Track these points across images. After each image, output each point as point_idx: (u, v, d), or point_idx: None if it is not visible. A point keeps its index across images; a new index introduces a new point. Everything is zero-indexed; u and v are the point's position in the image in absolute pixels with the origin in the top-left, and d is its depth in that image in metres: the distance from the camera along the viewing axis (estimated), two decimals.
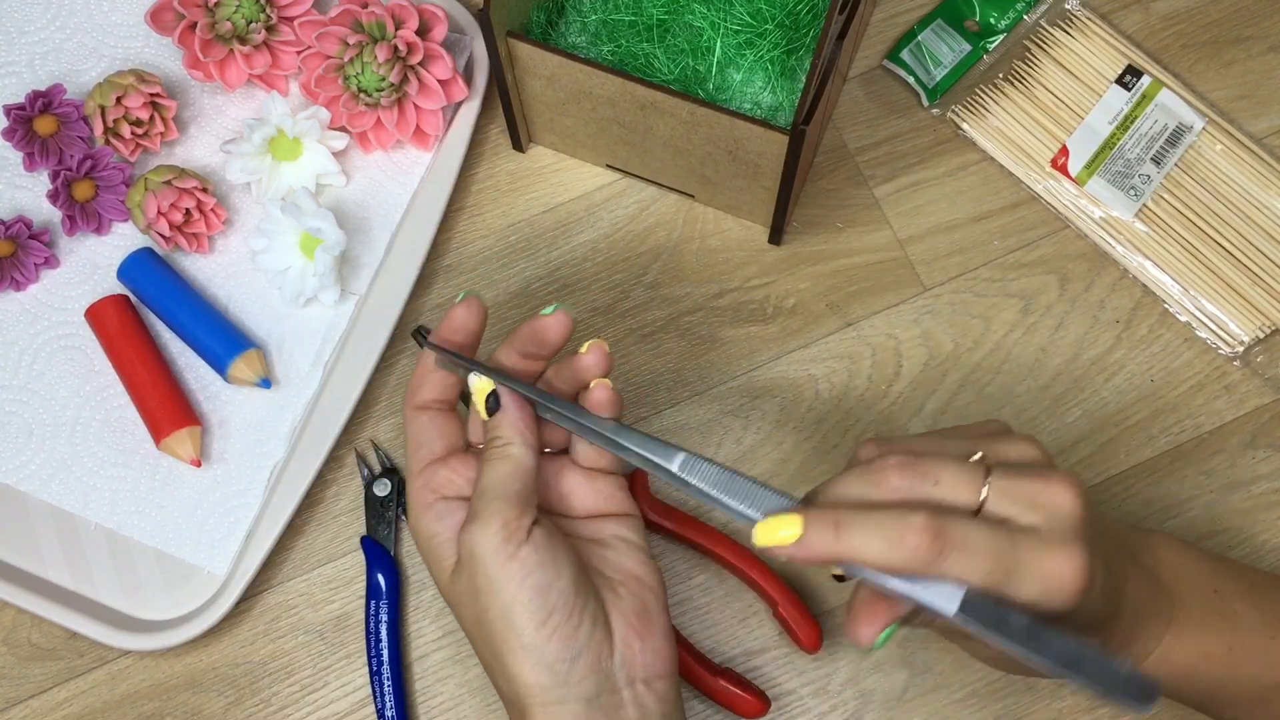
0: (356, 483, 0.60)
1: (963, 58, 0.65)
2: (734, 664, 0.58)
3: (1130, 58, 0.64)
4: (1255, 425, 0.61)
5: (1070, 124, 0.64)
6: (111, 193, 0.62)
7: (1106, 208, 0.62)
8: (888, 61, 0.65)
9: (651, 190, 0.64)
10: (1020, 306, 0.62)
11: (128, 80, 0.61)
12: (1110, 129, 0.63)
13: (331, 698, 0.58)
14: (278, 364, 0.61)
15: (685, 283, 0.63)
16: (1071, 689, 0.56)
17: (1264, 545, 0.59)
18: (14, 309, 0.62)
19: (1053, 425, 0.60)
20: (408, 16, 0.59)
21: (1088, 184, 0.62)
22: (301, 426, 0.59)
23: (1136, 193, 0.62)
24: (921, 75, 0.64)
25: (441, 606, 0.59)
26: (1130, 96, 0.63)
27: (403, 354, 0.62)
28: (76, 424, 0.60)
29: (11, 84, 0.64)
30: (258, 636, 0.59)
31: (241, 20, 0.61)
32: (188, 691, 0.58)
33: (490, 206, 0.64)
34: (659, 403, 0.61)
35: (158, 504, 0.59)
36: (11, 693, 0.58)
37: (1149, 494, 0.60)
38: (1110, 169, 0.62)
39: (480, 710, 0.58)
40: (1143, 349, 0.61)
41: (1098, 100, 0.64)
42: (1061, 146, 0.63)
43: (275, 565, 0.59)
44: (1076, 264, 0.63)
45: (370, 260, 0.62)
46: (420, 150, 0.63)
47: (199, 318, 0.60)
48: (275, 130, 0.61)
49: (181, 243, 0.61)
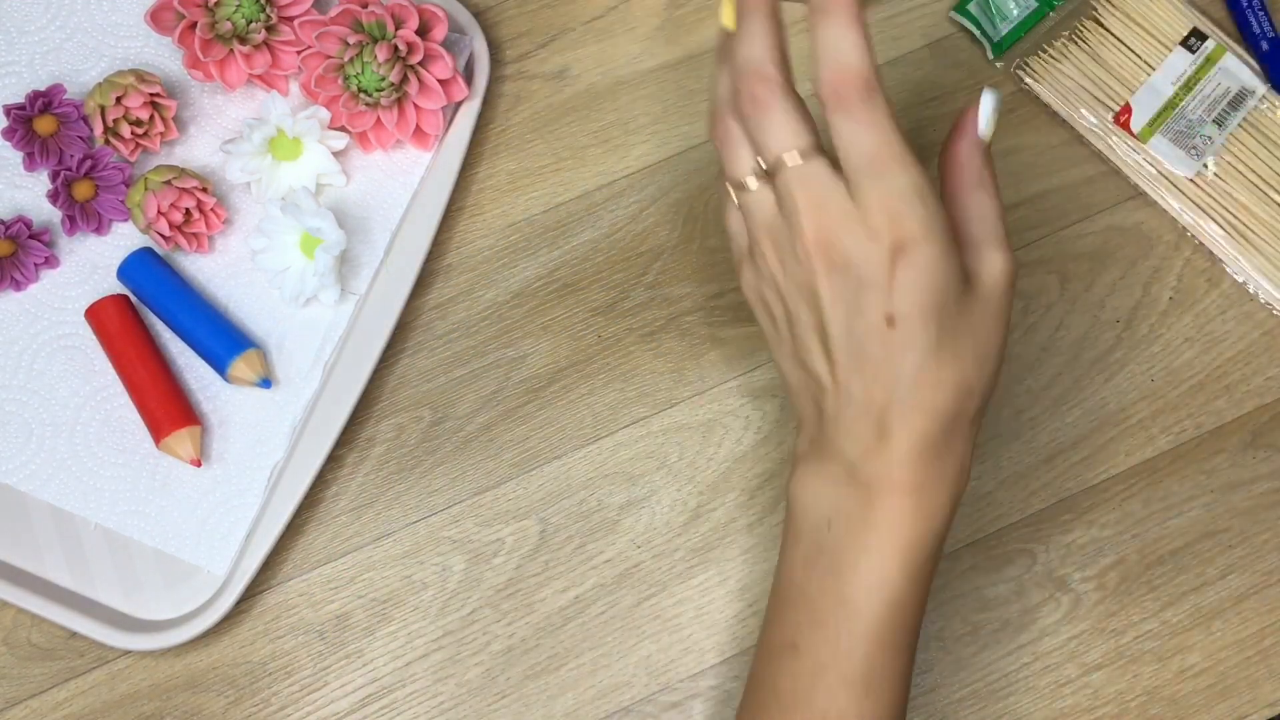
0: (357, 482, 0.61)
1: (1029, 13, 0.65)
2: (734, 663, 0.58)
3: (1195, 21, 0.65)
4: (1255, 425, 0.61)
5: (1134, 84, 0.64)
6: (111, 193, 0.62)
7: (1167, 165, 0.63)
8: (954, 13, 0.65)
9: (651, 190, 0.64)
10: (1020, 307, 0.62)
11: (128, 80, 0.61)
12: (1173, 90, 0.64)
13: (331, 698, 0.58)
14: (278, 364, 0.61)
15: (685, 283, 0.63)
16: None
17: (1264, 545, 0.59)
18: (14, 309, 0.62)
19: (1053, 425, 0.60)
20: (408, 16, 0.59)
21: (1149, 141, 0.63)
22: (301, 426, 0.59)
23: (1197, 152, 0.63)
24: (988, 28, 0.65)
25: (441, 606, 0.59)
26: (1194, 59, 0.64)
27: (403, 354, 0.62)
28: (76, 424, 0.60)
29: (11, 84, 0.64)
30: (258, 636, 0.59)
31: (241, 20, 0.61)
32: (188, 691, 0.58)
33: (490, 206, 0.64)
34: (659, 402, 0.61)
35: (158, 504, 0.59)
36: (11, 693, 0.58)
37: (1149, 494, 0.60)
38: (1172, 128, 0.63)
39: (480, 710, 0.58)
40: (1143, 348, 0.62)
41: (1162, 61, 0.64)
42: (1124, 104, 0.63)
43: (275, 565, 0.59)
44: (1077, 264, 0.63)
45: (370, 260, 0.62)
46: (420, 150, 0.63)
47: (199, 318, 0.60)
48: (275, 130, 0.61)
49: (181, 243, 0.61)
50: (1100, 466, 0.60)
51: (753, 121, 0.45)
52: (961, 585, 0.59)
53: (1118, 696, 0.58)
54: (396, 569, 0.60)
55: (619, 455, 0.61)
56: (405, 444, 0.61)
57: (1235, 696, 0.57)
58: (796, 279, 0.45)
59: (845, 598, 0.45)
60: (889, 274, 0.43)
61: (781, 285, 0.46)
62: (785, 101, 0.45)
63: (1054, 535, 0.59)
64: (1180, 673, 0.58)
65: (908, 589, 0.45)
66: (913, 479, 0.45)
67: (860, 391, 0.45)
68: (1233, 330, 0.62)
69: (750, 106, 0.45)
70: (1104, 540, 0.59)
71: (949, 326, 0.44)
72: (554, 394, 0.62)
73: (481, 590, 0.59)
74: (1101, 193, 0.64)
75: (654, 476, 0.60)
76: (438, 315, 0.63)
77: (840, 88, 0.43)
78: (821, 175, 0.44)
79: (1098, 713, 0.57)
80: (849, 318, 0.44)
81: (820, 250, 0.44)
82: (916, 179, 0.43)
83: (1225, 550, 0.59)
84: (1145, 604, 0.59)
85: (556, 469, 0.61)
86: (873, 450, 0.45)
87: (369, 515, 0.60)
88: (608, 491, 0.60)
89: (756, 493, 0.60)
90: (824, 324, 0.45)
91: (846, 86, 0.43)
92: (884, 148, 0.43)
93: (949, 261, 0.44)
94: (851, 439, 0.46)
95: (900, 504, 0.45)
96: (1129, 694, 0.58)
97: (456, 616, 0.59)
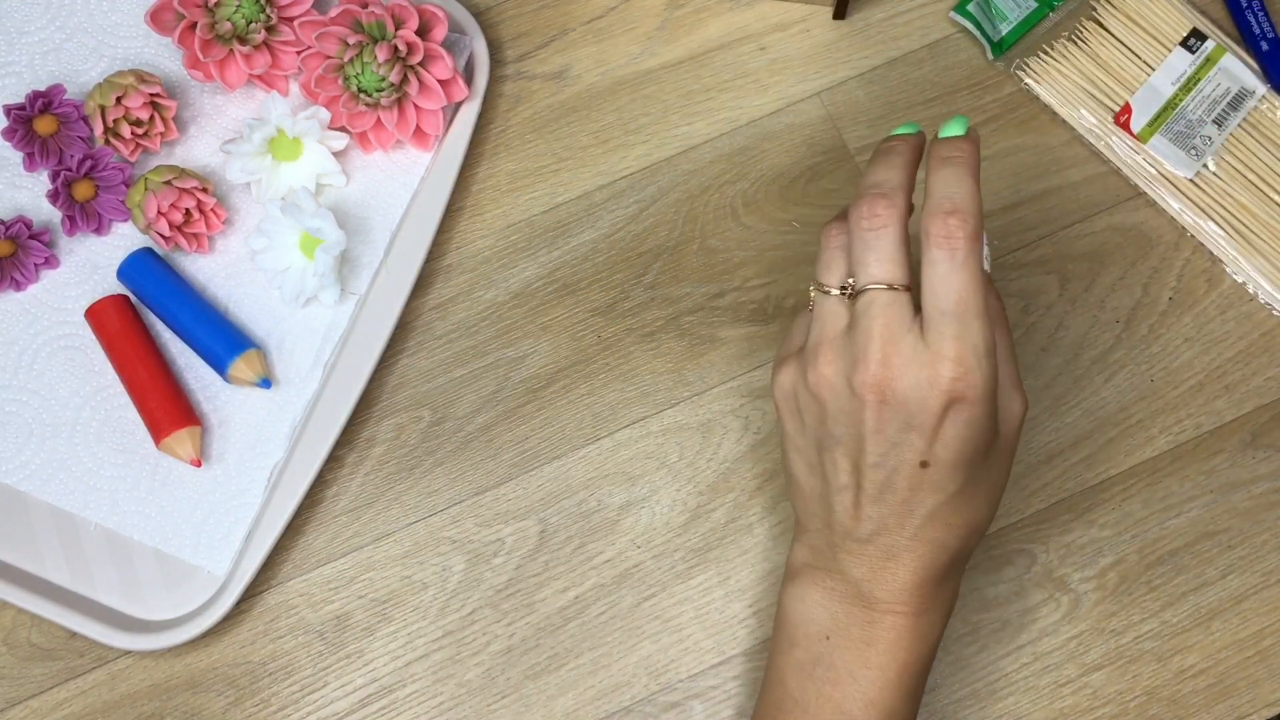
0: (357, 482, 0.61)
1: (1029, 13, 0.65)
2: (733, 663, 0.58)
3: (1195, 21, 0.65)
4: (1255, 425, 0.61)
5: (1133, 84, 0.64)
6: (111, 193, 0.62)
7: (1167, 165, 0.63)
8: (954, 13, 0.65)
9: (651, 190, 0.64)
10: (1020, 306, 0.62)
11: (128, 80, 0.61)
12: (1173, 90, 0.64)
13: (331, 698, 0.58)
14: (278, 364, 0.61)
15: (685, 283, 0.63)
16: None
17: (1264, 545, 0.59)
18: (14, 309, 0.62)
19: (1053, 425, 0.61)
20: (408, 16, 0.59)
21: (1149, 141, 0.63)
22: (301, 426, 0.59)
23: (1197, 152, 0.63)
24: (988, 29, 0.65)
25: (441, 607, 0.59)
26: (1194, 59, 0.64)
27: (403, 354, 0.62)
28: (76, 424, 0.60)
29: (11, 84, 0.64)
30: (258, 636, 0.59)
31: (241, 20, 0.61)
32: (188, 691, 0.58)
33: (490, 206, 0.64)
34: (659, 402, 0.61)
35: (158, 504, 0.59)
36: (11, 693, 0.58)
37: (1149, 494, 0.60)
38: (1172, 128, 0.63)
39: (480, 710, 0.58)
40: (1143, 348, 0.62)
41: (1161, 61, 0.64)
42: (1124, 104, 0.63)
43: (275, 565, 0.59)
44: (1077, 264, 0.63)
45: (370, 260, 0.62)
46: (420, 150, 0.63)
47: (199, 318, 0.60)
48: (275, 130, 0.61)
49: (181, 243, 0.61)
50: (1100, 466, 0.60)
51: (862, 237, 0.46)
52: (961, 585, 0.59)
53: (1117, 697, 0.58)
54: (396, 569, 0.60)
55: (619, 455, 0.61)
56: (405, 444, 0.61)
57: (1235, 697, 0.57)
58: (844, 399, 0.46)
59: (844, 710, 0.47)
60: (938, 423, 0.44)
61: (826, 399, 0.47)
62: (898, 230, 0.46)
63: (1054, 535, 0.59)
64: (1180, 673, 0.58)
65: (902, 702, 0.48)
66: (916, 604, 0.47)
67: (876, 518, 0.47)
68: (1232, 331, 0.62)
69: (868, 221, 0.46)
70: (1104, 540, 0.59)
71: (973, 475, 0.46)
72: (554, 394, 0.62)
73: (481, 590, 0.59)
74: (1101, 193, 0.64)
75: (654, 476, 0.60)
76: (438, 315, 0.63)
77: (951, 227, 0.44)
78: (903, 312, 0.45)
79: (1097, 713, 0.57)
80: (887, 452, 0.46)
81: (879, 382, 0.45)
82: (989, 337, 0.44)
83: (1225, 550, 0.59)
84: (1145, 604, 0.59)
85: (556, 469, 0.61)
86: (878, 572, 0.47)
87: (369, 515, 0.60)
88: (607, 492, 0.60)
89: (756, 493, 0.60)
90: (860, 450, 0.46)
91: (957, 228, 0.44)
92: (971, 297, 0.44)
93: (992, 420, 0.46)
94: (858, 560, 0.48)
95: (901, 624, 0.47)
96: (1129, 694, 0.58)
97: (456, 616, 0.59)
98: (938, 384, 0.44)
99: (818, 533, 0.49)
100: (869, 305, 0.45)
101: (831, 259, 0.48)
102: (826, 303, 0.47)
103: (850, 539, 0.48)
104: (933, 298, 0.44)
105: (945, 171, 0.45)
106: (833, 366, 0.46)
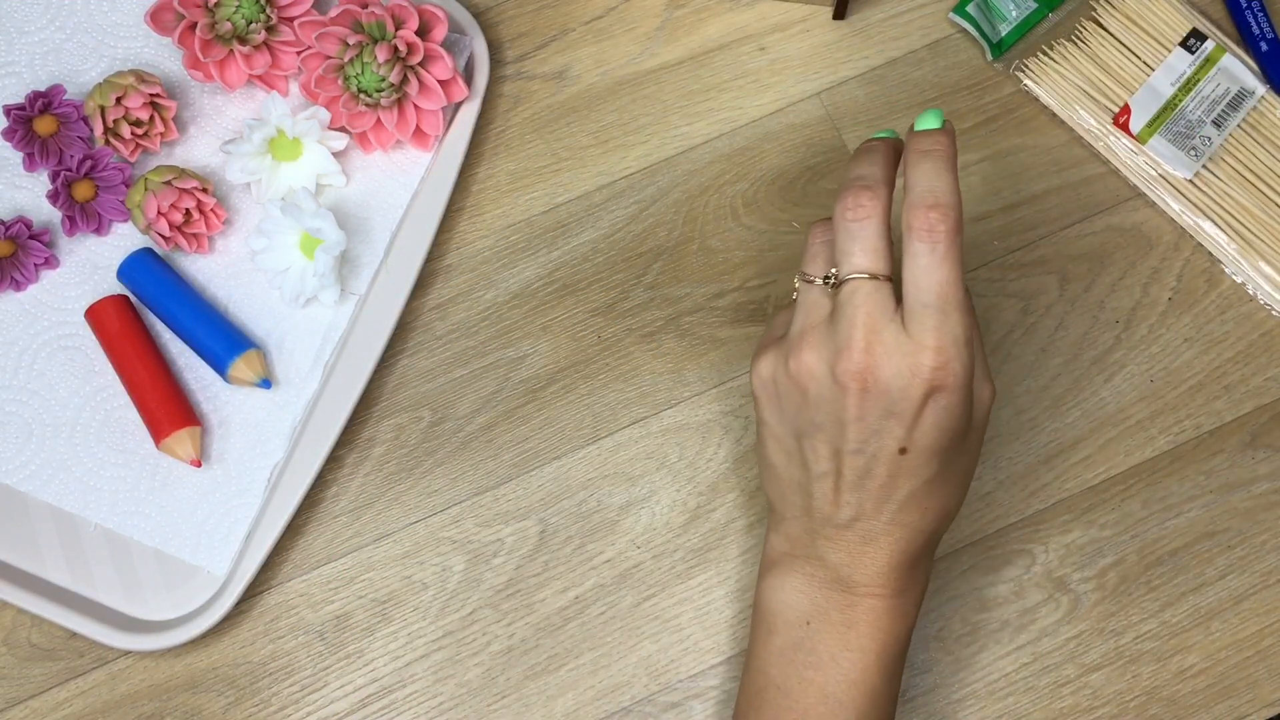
0: (357, 483, 0.61)
1: (1028, 14, 0.65)
2: (733, 663, 0.58)
3: (1194, 21, 0.65)
4: (1254, 426, 0.61)
5: (1133, 85, 0.64)
6: (111, 193, 0.62)
7: (1166, 166, 0.63)
8: (954, 14, 0.65)
9: (651, 190, 0.64)
10: (1020, 307, 0.62)
11: (128, 80, 0.61)
12: (1173, 90, 0.64)
13: (331, 698, 0.58)
14: (278, 364, 0.61)
15: (685, 283, 0.63)
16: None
17: (1264, 545, 0.59)
18: (14, 309, 0.62)
19: (1052, 425, 0.61)
20: (408, 17, 0.59)
21: (1149, 142, 0.63)
22: (301, 426, 0.60)
23: (1197, 153, 0.63)
24: (987, 29, 0.65)
25: (441, 607, 0.59)
26: (1194, 60, 0.64)
27: (403, 354, 0.62)
28: (76, 424, 0.60)
29: (11, 84, 0.64)
30: (258, 636, 0.59)
31: (241, 20, 0.61)
32: (188, 692, 0.58)
33: (490, 206, 0.64)
34: (659, 403, 0.61)
35: (158, 504, 0.59)
36: (11, 693, 0.58)
37: (1148, 494, 0.60)
38: (1172, 129, 0.63)
39: (480, 710, 0.58)
40: (1143, 349, 0.62)
41: (1161, 62, 0.64)
42: (1124, 105, 0.63)
43: (275, 565, 0.59)
44: (1076, 264, 0.63)
45: (370, 260, 0.62)
46: (420, 150, 0.63)
47: (199, 318, 0.60)
48: (275, 130, 0.61)
49: (181, 243, 0.61)
50: (1100, 467, 0.60)
51: (846, 227, 0.46)
52: (961, 585, 0.59)
53: (1117, 697, 0.58)
54: (396, 569, 0.60)
55: (619, 455, 0.61)
56: (405, 444, 0.61)
57: (1234, 696, 0.57)
58: (826, 386, 0.47)
59: (828, 693, 0.48)
60: (918, 411, 0.45)
61: (808, 386, 0.47)
62: (881, 221, 0.46)
63: (1053, 535, 0.59)
64: (1179, 673, 0.58)
65: (884, 682, 0.49)
66: (893, 585, 0.48)
67: (855, 504, 0.48)
68: (1232, 331, 0.62)
69: (852, 212, 0.46)
70: (1103, 540, 0.59)
71: (948, 460, 0.47)
72: (554, 394, 0.62)
73: (481, 590, 0.59)
74: (1101, 193, 0.64)
75: (654, 477, 0.60)
76: (438, 315, 0.63)
77: (933, 220, 0.45)
78: (886, 301, 0.46)
79: (1097, 713, 0.57)
80: (867, 439, 0.46)
81: (862, 370, 0.45)
82: (969, 328, 0.45)
83: (1224, 551, 0.59)
84: (1144, 604, 0.59)
85: (556, 469, 0.61)
86: (857, 557, 0.48)
87: (369, 516, 0.60)
88: (607, 492, 0.60)
89: (756, 493, 0.60)
90: (841, 437, 0.47)
91: (939, 221, 0.45)
92: (952, 288, 0.45)
93: (969, 408, 0.46)
94: (837, 545, 0.48)
95: (880, 606, 0.48)
96: (1128, 694, 0.58)
97: (456, 617, 0.59)
98: (919, 373, 0.44)
99: (795, 520, 0.50)
100: (852, 294, 0.46)
101: (816, 251, 0.49)
102: (810, 292, 0.48)
103: (829, 525, 0.48)
104: (914, 289, 0.45)
105: (925, 165, 0.46)
106: (815, 354, 0.47)
